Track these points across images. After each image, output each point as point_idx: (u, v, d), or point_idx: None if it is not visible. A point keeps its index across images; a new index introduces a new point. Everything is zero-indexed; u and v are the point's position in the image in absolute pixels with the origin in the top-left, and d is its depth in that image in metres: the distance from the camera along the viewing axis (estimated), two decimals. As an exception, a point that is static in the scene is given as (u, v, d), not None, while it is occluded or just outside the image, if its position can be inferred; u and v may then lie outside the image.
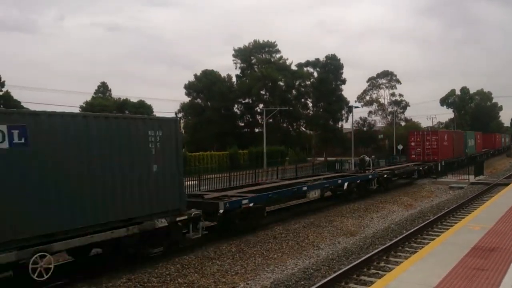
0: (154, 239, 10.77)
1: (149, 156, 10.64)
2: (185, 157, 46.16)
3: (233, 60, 72.01)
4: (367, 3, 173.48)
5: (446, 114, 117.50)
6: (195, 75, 67.61)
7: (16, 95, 56.01)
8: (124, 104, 66.56)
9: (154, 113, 69.66)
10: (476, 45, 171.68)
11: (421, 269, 7.64)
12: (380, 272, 9.87)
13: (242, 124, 71.51)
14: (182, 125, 75.51)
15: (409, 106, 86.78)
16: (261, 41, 71.94)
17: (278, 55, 72.70)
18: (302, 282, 9.66)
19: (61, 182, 8.82)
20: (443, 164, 33.10)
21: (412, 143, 34.74)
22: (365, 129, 79.57)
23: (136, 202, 10.25)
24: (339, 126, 72.85)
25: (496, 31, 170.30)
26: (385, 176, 24.84)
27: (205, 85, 65.15)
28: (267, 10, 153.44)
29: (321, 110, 71.53)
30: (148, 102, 68.38)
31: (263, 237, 13.75)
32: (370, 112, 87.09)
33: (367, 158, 24.75)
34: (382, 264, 10.65)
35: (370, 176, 22.91)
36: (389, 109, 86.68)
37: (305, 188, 17.87)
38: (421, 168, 29.68)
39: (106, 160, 9.67)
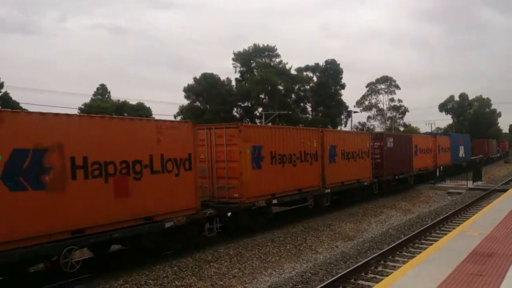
0: None
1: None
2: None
3: (232, 64, 72.20)
4: (369, 7, 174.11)
5: (445, 120, 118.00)
6: (194, 78, 67.71)
7: (14, 96, 56.25)
8: (122, 106, 66.54)
9: (153, 116, 69.71)
10: (477, 50, 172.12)
11: (419, 274, 7.63)
12: (377, 276, 9.86)
13: (241, 128, 71.55)
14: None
15: (408, 111, 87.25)
16: (260, 45, 72.12)
17: (277, 59, 72.92)
18: (300, 286, 9.65)
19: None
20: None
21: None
22: (363, 134, 79.79)
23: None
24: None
25: (498, 37, 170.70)
26: None
27: (205, 88, 65.19)
28: (271, 13, 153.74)
29: (320, 114, 71.72)
30: (147, 104, 68.47)
31: (261, 240, 13.72)
32: (369, 117, 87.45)
33: None
34: (380, 268, 10.64)
35: None
36: (388, 114, 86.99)
37: None
38: None
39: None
